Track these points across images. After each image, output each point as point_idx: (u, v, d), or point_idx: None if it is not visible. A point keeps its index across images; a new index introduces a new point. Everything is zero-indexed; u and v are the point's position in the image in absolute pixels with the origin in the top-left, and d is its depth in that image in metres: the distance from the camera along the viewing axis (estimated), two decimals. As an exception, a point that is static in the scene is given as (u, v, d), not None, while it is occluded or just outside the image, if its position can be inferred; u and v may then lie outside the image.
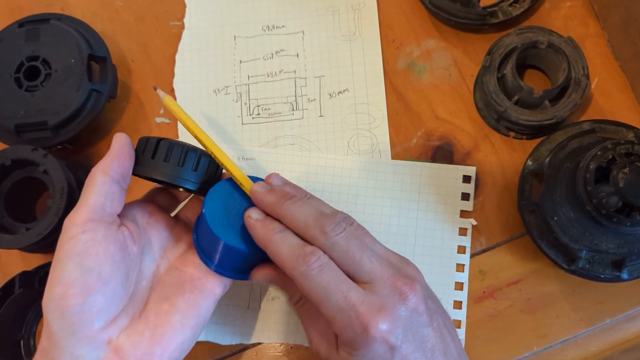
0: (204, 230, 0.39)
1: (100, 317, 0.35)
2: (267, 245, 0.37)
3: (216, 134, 0.52)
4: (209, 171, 0.41)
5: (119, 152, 0.38)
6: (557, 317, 0.46)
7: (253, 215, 0.38)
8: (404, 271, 0.37)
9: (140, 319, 0.37)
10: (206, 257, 0.40)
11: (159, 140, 0.39)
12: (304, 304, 0.41)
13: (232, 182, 0.41)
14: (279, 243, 0.36)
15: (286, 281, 0.40)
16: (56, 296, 0.34)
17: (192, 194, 0.45)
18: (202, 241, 0.40)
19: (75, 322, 0.34)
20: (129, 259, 0.38)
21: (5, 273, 0.50)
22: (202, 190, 0.40)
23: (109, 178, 0.38)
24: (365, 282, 0.35)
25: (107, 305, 0.35)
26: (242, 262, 0.40)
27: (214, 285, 0.40)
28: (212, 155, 0.41)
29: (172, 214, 0.44)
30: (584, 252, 0.42)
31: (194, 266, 0.40)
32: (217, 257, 0.39)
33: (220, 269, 0.39)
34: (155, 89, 0.43)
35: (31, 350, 0.49)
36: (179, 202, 0.45)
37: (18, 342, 0.48)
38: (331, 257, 0.35)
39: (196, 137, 0.41)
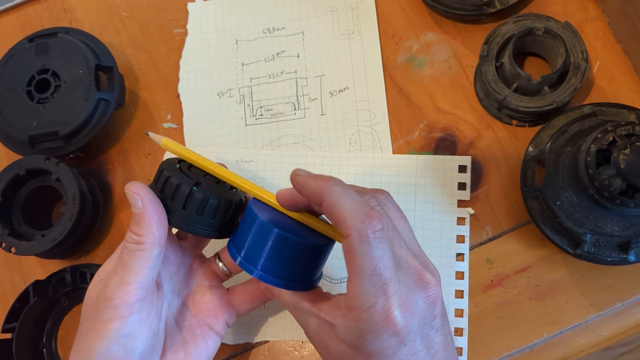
0: (249, 229, 0.37)
1: None
2: (325, 195, 0.33)
3: (221, 137, 0.53)
4: (228, 215, 0.40)
5: (159, 216, 0.37)
6: (567, 303, 0.46)
7: (301, 173, 0.35)
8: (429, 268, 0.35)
9: None
10: (249, 264, 0.37)
11: (178, 184, 0.38)
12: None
13: (257, 201, 0.39)
14: (341, 193, 0.32)
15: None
16: None
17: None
18: (243, 244, 0.38)
19: None
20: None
21: (25, 279, 0.52)
22: (222, 234, 0.40)
23: (162, 248, 0.37)
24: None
25: None
26: (290, 259, 0.37)
27: (220, 328, 0.41)
28: (228, 181, 0.40)
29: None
30: (589, 235, 0.41)
31: (202, 309, 0.41)
32: (264, 257, 0.36)
33: (264, 274, 0.37)
34: (147, 133, 0.42)
35: (54, 356, 0.50)
36: None
37: (41, 350, 0.50)
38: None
39: (208, 170, 0.40)
